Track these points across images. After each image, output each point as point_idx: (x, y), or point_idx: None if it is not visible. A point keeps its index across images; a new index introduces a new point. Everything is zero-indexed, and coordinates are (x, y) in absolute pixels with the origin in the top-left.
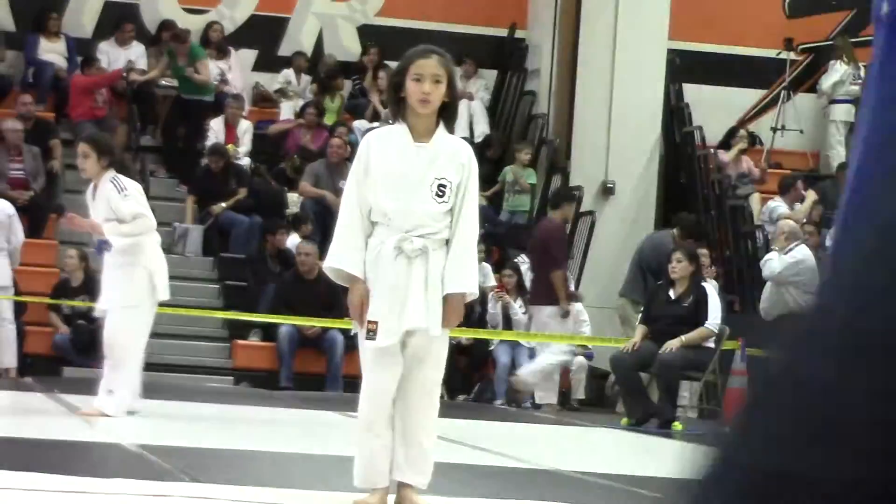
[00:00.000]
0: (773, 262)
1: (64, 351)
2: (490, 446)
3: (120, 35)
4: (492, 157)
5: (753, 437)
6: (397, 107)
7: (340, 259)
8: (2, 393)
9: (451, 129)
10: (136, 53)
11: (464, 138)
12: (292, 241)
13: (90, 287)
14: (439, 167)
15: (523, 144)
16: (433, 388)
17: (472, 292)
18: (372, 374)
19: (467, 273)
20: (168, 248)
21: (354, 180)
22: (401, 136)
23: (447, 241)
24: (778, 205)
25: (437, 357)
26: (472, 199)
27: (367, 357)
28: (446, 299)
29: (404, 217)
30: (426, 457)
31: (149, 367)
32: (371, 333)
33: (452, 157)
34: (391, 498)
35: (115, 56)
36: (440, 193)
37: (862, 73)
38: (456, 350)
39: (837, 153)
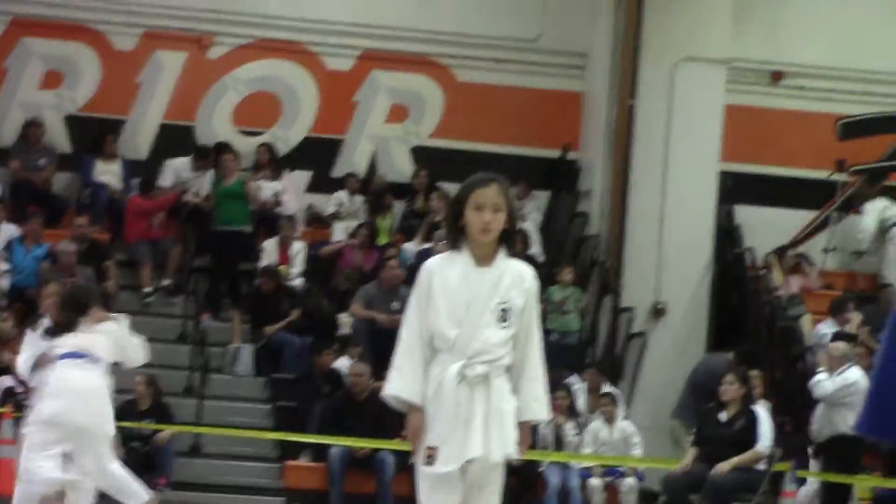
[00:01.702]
0: (825, 383)
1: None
2: None
3: (199, 162)
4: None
5: None
6: (457, 234)
7: (399, 387)
8: None
9: (511, 254)
10: (207, 181)
11: None
12: (341, 362)
13: (159, 411)
14: (503, 291)
15: (565, 264)
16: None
17: (544, 419)
18: (432, 500)
19: (540, 399)
20: (220, 368)
21: (415, 307)
22: (463, 262)
23: (509, 367)
24: (826, 331)
25: (495, 484)
26: (535, 329)
27: (425, 483)
28: (520, 426)
29: (467, 343)
30: None
31: (199, 487)
32: (430, 459)
33: (516, 281)
34: None
35: (185, 177)
36: (504, 318)
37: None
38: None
39: (895, 272)
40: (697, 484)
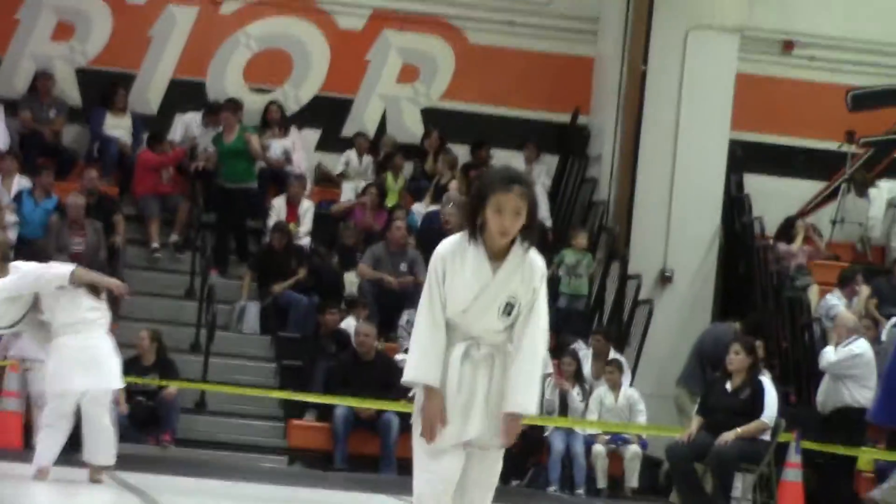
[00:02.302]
0: (829, 354)
1: (121, 424)
2: None
3: (210, 118)
4: (550, 244)
5: None
6: (474, 228)
7: (417, 372)
8: (58, 468)
9: (527, 248)
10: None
11: None
12: (347, 322)
13: (163, 366)
14: (512, 287)
15: (579, 229)
16: (492, 480)
17: (530, 413)
18: (431, 466)
19: (528, 393)
20: (226, 326)
21: (430, 290)
22: (476, 253)
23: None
24: (835, 302)
25: (498, 452)
26: (537, 317)
27: (423, 449)
28: (505, 417)
29: (469, 328)
30: None
31: (203, 444)
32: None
33: (526, 279)
34: None
35: (194, 132)
36: (508, 312)
37: None
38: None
39: None
40: (701, 453)
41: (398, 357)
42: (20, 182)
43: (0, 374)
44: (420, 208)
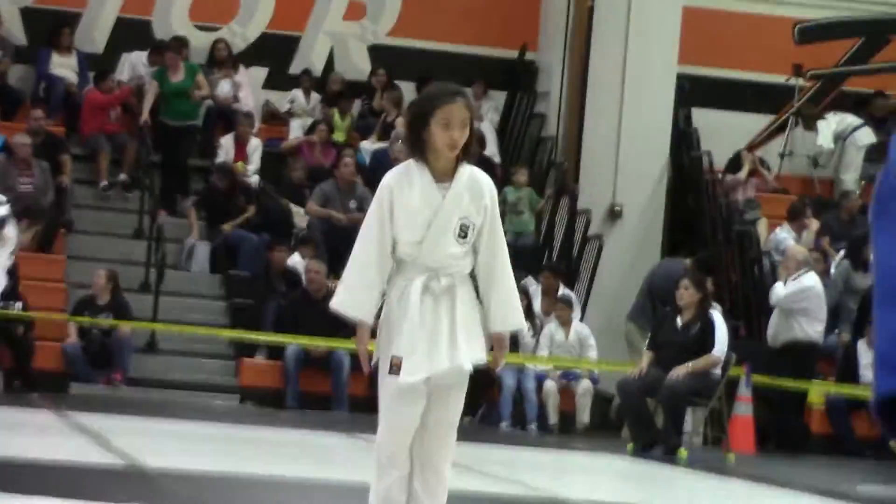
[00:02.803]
0: (778, 289)
1: (74, 361)
2: (497, 472)
3: (155, 57)
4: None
5: None
6: (418, 146)
7: (345, 302)
8: (9, 410)
9: (468, 161)
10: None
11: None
12: (293, 259)
13: (118, 306)
14: (463, 208)
15: (520, 165)
16: (454, 419)
17: (522, 327)
18: (395, 409)
19: (514, 310)
20: (175, 265)
21: (376, 219)
22: (422, 176)
23: (472, 275)
24: (784, 235)
25: (459, 392)
26: (499, 237)
27: (388, 392)
28: (493, 336)
29: (428, 258)
30: (443, 486)
31: (155, 383)
32: (395, 368)
33: (475, 198)
34: None
35: (141, 71)
36: (463, 234)
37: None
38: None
39: (853, 176)
40: (652, 388)
41: None
42: None
43: None
44: (368, 146)
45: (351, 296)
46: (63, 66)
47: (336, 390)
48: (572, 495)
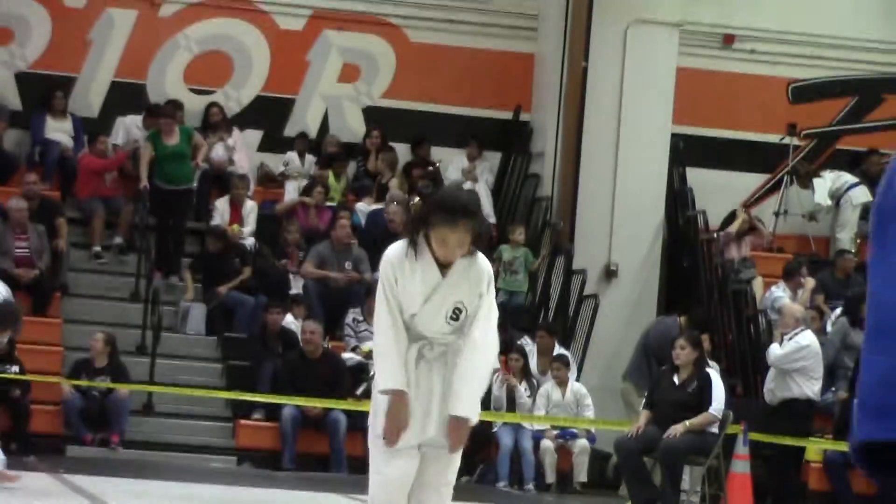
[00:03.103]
0: (775, 349)
1: (71, 421)
2: None
3: (149, 120)
4: (495, 240)
5: None
6: (418, 242)
7: (392, 380)
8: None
9: (475, 251)
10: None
11: None
12: (288, 320)
13: (115, 369)
14: (460, 293)
15: (516, 225)
16: (451, 478)
17: (473, 421)
18: (386, 466)
19: (471, 399)
20: (172, 328)
21: (385, 295)
22: (423, 260)
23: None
24: (780, 294)
25: (451, 459)
26: (485, 323)
27: (379, 450)
28: (450, 420)
29: (423, 329)
30: None
31: (151, 446)
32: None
33: (473, 285)
34: None
35: (136, 134)
36: (455, 317)
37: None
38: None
39: (848, 235)
40: (650, 446)
41: (345, 355)
42: None
43: None
44: (364, 207)
45: (392, 372)
46: (58, 131)
47: (334, 451)
48: None
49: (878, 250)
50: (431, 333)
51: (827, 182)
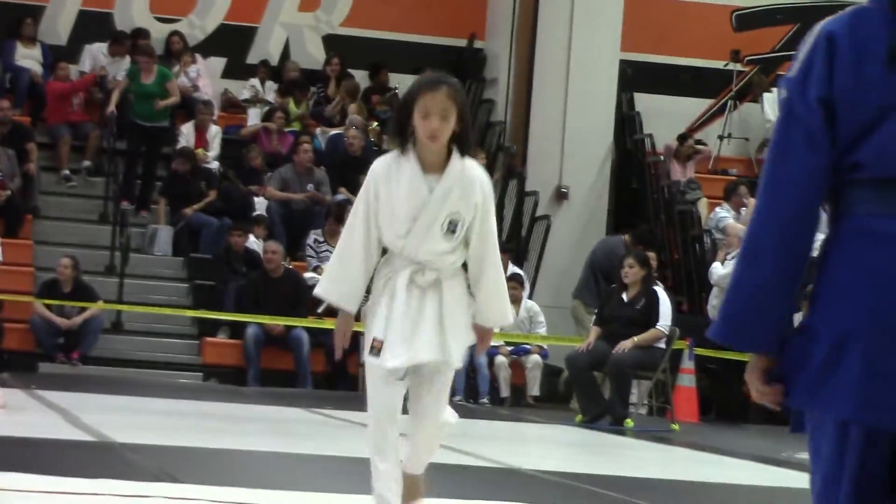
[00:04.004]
0: (717, 268)
1: (40, 337)
2: (451, 443)
3: (115, 48)
4: None
5: None
6: (405, 138)
7: (327, 289)
8: None
9: (463, 155)
10: (123, 67)
11: None
12: (251, 242)
13: (79, 293)
14: (452, 203)
15: (476, 149)
16: (444, 398)
17: (507, 322)
18: (378, 392)
19: (501, 307)
20: (139, 249)
21: (362, 211)
22: (411, 169)
23: (463, 266)
24: (724, 214)
25: (447, 373)
26: (491, 233)
27: (372, 375)
28: (479, 328)
29: (415, 253)
30: (428, 459)
31: (120, 363)
32: (375, 351)
33: (465, 193)
34: None
35: (103, 61)
36: (452, 230)
37: None
38: None
39: None
40: (600, 361)
41: (306, 275)
42: None
43: None
44: (324, 131)
45: (335, 285)
46: (28, 58)
47: (298, 368)
48: (524, 465)
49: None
50: (426, 255)
51: (776, 97)
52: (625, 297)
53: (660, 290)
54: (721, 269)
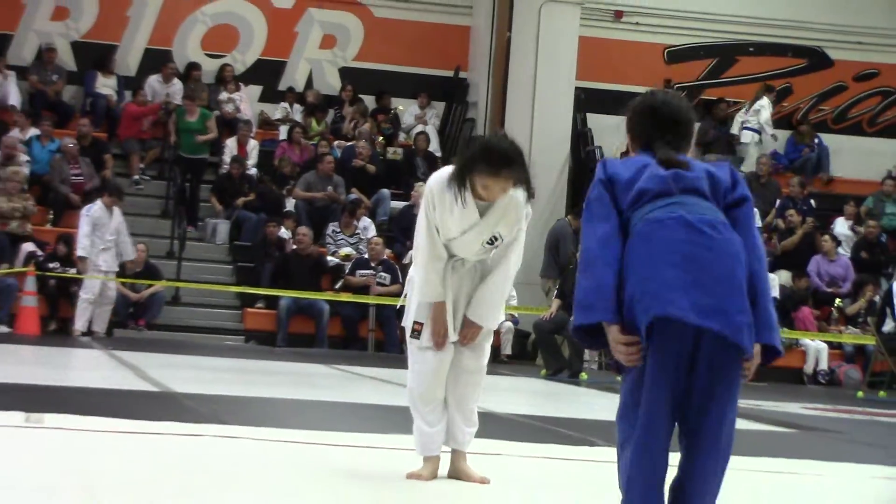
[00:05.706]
0: None
1: (118, 308)
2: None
3: (164, 73)
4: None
5: None
6: (462, 184)
7: (428, 294)
8: (69, 350)
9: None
10: (175, 89)
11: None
12: (282, 232)
13: (146, 272)
14: (497, 227)
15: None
16: (483, 363)
17: (491, 327)
18: (421, 359)
19: (492, 312)
20: (201, 238)
21: (425, 221)
22: (465, 202)
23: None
24: None
25: (486, 340)
26: (518, 248)
27: (415, 350)
28: (467, 321)
29: (457, 251)
30: (475, 419)
31: (178, 329)
32: (416, 333)
33: (510, 219)
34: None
35: (159, 90)
36: (490, 243)
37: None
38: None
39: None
40: (560, 326)
41: (328, 258)
42: (30, 131)
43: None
44: (339, 144)
45: (430, 287)
46: (105, 86)
47: (318, 331)
48: (498, 409)
49: (586, 221)
50: (466, 255)
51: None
52: None
53: None
54: None
